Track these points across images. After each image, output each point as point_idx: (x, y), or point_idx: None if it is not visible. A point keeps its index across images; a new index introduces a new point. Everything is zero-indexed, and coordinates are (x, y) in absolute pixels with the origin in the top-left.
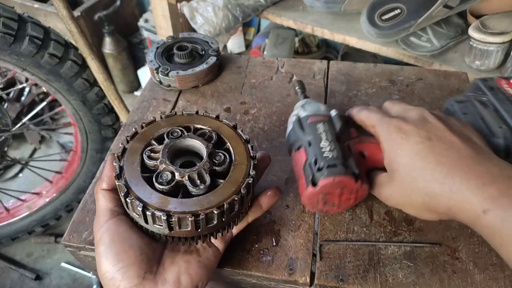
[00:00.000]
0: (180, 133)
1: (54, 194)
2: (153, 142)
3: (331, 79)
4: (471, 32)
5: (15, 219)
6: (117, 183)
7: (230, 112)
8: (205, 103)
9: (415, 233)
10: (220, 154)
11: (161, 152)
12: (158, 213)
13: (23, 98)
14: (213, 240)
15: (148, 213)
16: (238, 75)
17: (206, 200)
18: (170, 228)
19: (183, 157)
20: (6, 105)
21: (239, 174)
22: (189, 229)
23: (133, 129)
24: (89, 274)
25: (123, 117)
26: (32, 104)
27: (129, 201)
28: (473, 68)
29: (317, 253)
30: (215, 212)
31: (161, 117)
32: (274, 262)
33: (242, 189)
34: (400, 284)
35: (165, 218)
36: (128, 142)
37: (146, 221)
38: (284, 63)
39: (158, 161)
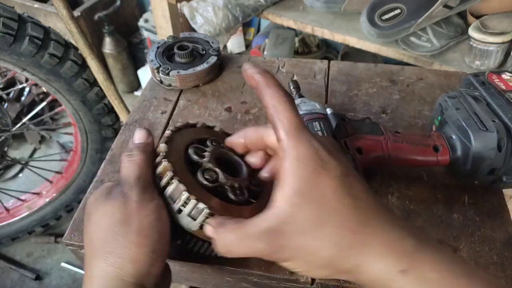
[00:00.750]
0: (221, 144)
1: (54, 194)
2: (196, 142)
3: (332, 79)
4: (471, 32)
5: (15, 219)
6: (163, 163)
7: (231, 111)
8: (206, 103)
9: None
10: (257, 178)
11: (207, 152)
12: (201, 206)
13: (23, 98)
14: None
15: (192, 200)
16: (239, 75)
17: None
18: (201, 226)
19: (222, 166)
20: (6, 105)
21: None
22: None
23: (178, 123)
24: None
25: (123, 117)
26: (32, 104)
27: (174, 182)
28: (473, 68)
29: None
30: None
31: (203, 124)
32: None
33: None
34: None
35: (208, 211)
36: (174, 132)
37: (180, 211)
38: (285, 63)
39: (205, 159)
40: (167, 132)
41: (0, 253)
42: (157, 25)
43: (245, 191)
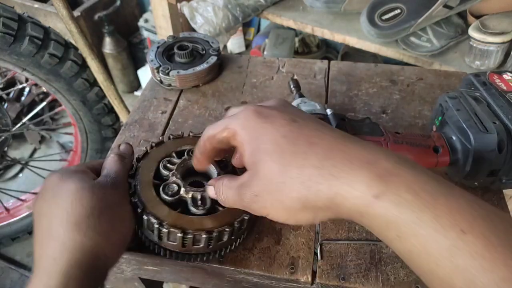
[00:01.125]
0: None
1: None
2: (174, 154)
3: (332, 79)
4: (471, 32)
5: (15, 219)
6: (129, 182)
7: None
8: (206, 103)
9: None
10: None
11: (176, 165)
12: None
13: (23, 98)
14: None
15: (164, 230)
16: (239, 75)
17: (202, 221)
18: (184, 245)
19: (196, 177)
20: (6, 105)
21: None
22: (201, 245)
23: (160, 138)
24: None
25: (123, 117)
26: (32, 104)
27: (145, 218)
28: (473, 68)
29: (318, 252)
30: (227, 230)
31: (188, 135)
32: (276, 261)
33: (236, 223)
34: (402, 283)
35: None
36: (152, 148)
37: (160, 238)
38: (285, 63)
39: (171, 173)
40: (144, 148)
41: (0, 253)
42: (157, 25)
43: (209, 200)
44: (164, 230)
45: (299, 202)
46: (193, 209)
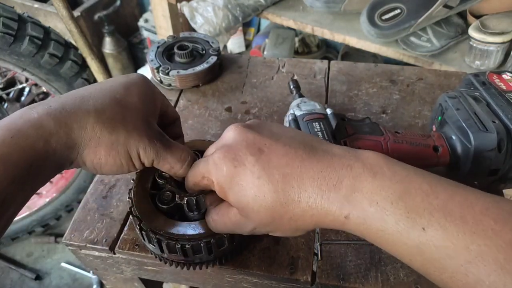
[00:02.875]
0: (196, 157)
1: (54, 194)
2: None
3: (332, 79)
4: (471, 32)
5: (15, 219)
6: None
7: (231, 111)
8: (206, 103)
9: None
10: None
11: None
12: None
13: (23, 98)
14: None
15: (163, 243)
16: (239, 75)
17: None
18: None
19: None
20: (6, 105)
21: None
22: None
23: None
24: (89, 274)
25: None
26: None
27: (144, 233)
28: (473, 68)
29: (318, 252)
30: (225, 236)
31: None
32: (276, 261)
33: None
34: (402, 283)
35: (179, 246)
36: None
37: (162, 250)
38: (285, 63)
39: (165, 181)
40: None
41: (0, 253)
42: (157, 25)
43: (204, 205)
44: (163, 243)
45: (292, 229)
46: (190, 214)
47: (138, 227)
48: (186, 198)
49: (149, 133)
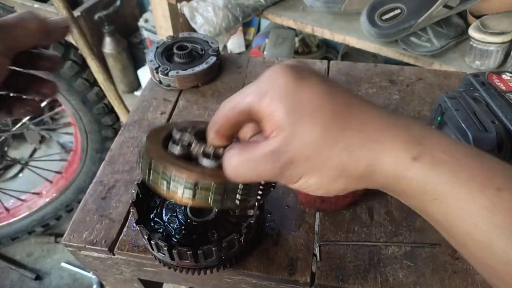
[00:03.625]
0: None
1: (54, 194)
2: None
3: (332, 79)
4: (471, 32)
5: (15, 219)
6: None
7: None
8: (206, 103)
9: (416, 233)
10: None
11: (189, 129)
12: (182, 249)
13: None
14: None
15: (174, 250)
16: (239, 75)
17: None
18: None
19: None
20: None
21: None
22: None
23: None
24: (89, 274)
25: (123, 117)
26: None
27: (153, 242)
28: (473, 68)
29: (317, 253)
30: (235, 237)
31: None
32: (275, 262)
33: (243, 228)
34: (401, 284)
35: (190, 253)
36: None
37: (172, 258)
38: None
39: (185, 133)
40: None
41: (0, 253)
42: (157, 25)
43: (222, 151)
44: (174, 250)
45: (337, 170)
46: (204, 162)
47: (147, 237)
48: (204, 146)
49: None
